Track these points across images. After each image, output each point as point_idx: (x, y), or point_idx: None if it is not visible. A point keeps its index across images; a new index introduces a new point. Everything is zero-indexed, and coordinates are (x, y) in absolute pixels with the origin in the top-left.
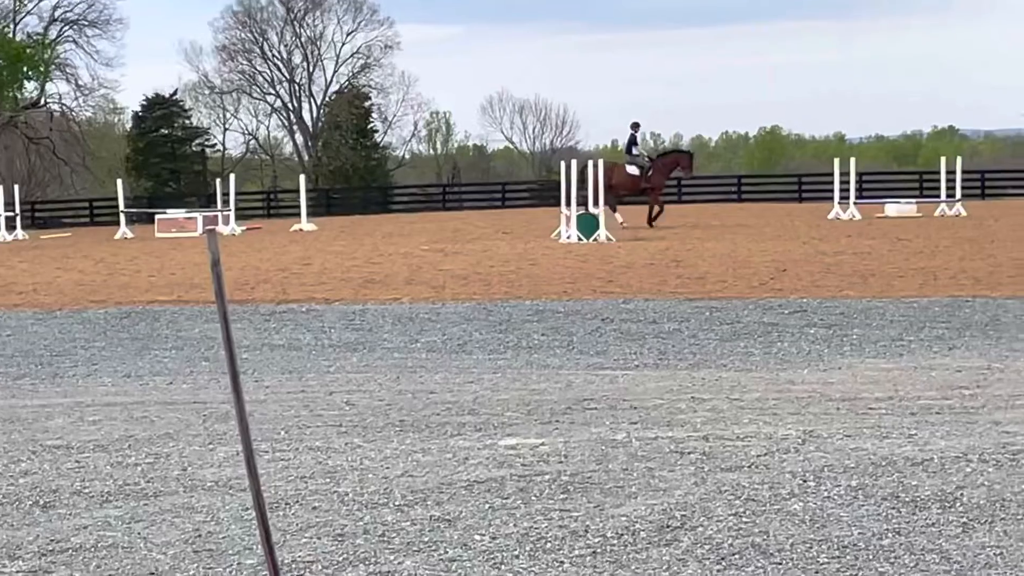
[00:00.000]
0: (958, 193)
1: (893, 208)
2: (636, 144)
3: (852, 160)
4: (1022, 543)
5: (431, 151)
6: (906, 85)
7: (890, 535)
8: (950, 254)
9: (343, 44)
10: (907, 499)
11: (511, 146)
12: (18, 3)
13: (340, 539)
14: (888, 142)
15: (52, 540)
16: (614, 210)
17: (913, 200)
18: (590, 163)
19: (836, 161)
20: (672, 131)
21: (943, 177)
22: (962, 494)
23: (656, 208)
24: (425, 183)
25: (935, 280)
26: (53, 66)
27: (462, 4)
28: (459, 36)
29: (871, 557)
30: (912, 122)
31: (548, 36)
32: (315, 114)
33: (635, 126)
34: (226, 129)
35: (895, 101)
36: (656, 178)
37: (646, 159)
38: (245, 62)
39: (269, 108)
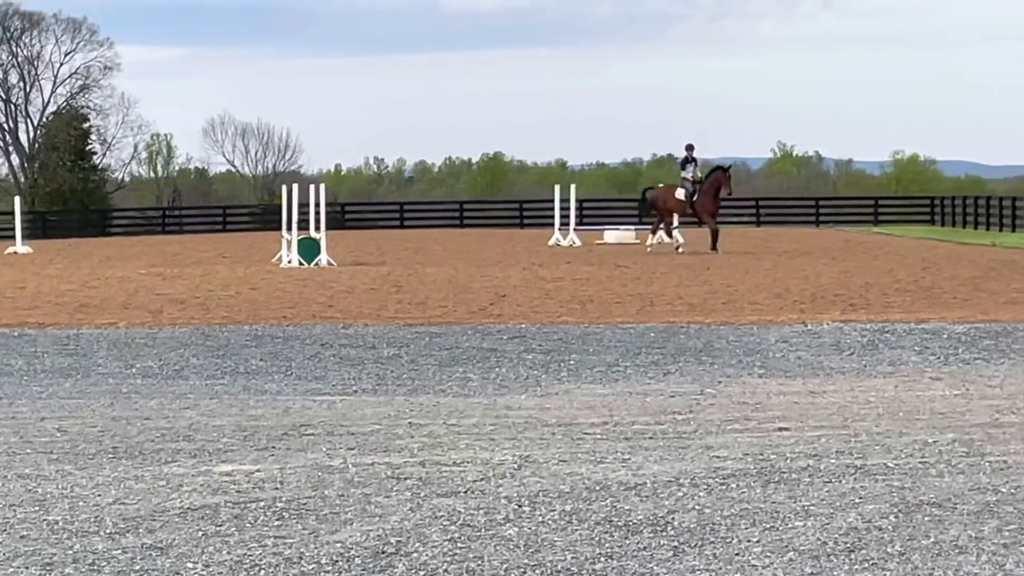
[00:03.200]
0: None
1: (612, 235)
2: (685, 167)
3: (572, 187)
4: (730, 566)
5: (151, 174)
6: (627, 114)
7: (603, 559)
8: (667, 280)
9: (61, 64)
10: (620, 523)
11: (233, 169)
12: None
13: (49, 568)
14: (609, 169)
15: None
16: (669, 234)
17: (632, 227)
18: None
19: (557, 188)
20: (396, 155)
21: None
22: (673, 518)
23: (711, 232)
24: (145, 206)
25: (652, 306)
26: None
27: (185, 27)
28: (181, 58)
29: None
30: (632, 150)
31: (271, 60)
32: (32, 135)
33: (689, 147)
34: None
35: (616, 129)
36: (701, 201)
37: (691, 183)
38: None
39: None
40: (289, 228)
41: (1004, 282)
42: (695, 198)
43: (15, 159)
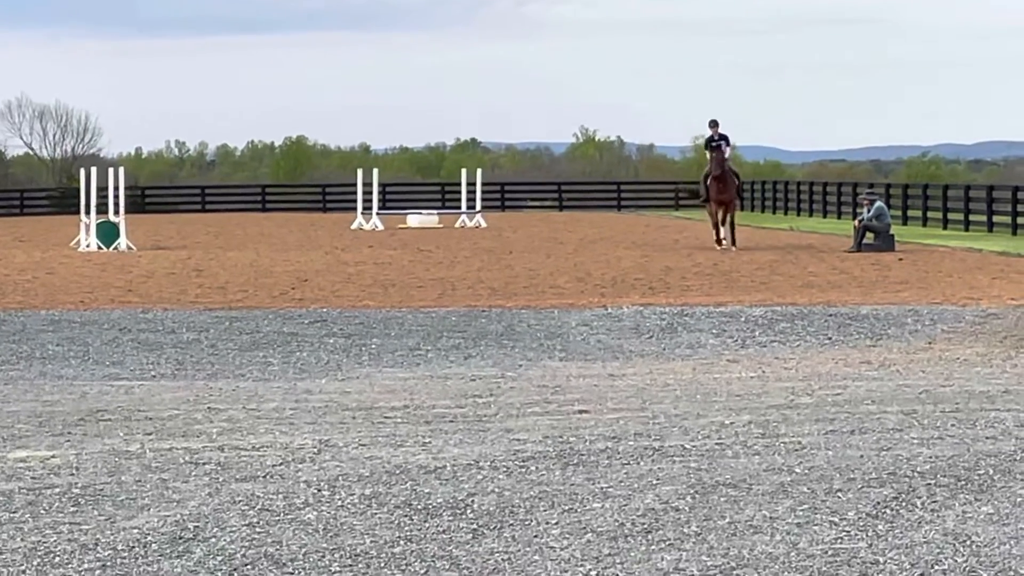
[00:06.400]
0: (478, 205)
1: (415, 219)
2: (710, 146)
3: (375, 171)
4: (529, 548)
5: None
6: (431, 98)
7: (402, 542)
8: (469, 265)
9: None
10: (419, 507)
11: (31, 152)
12: None
13: None
14: (412, 153)
15: None
16: (722, 223)
17: (435, 211)
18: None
19: (360, 172)
20: (197, 139)
21: (464, 189)
22: (473, 501)
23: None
24: None
25: (453, 290)
26: None
27: None
28: None
29: (383, 565)
30: (436, 134)
31: (70, 41)
32: None
33: (713, 124)
34: None
35: (420, 113)
36: (712, 188)
37: (715, 165)
38: None
39: None
40: (88, 212)
41: (801, 266)
42: (708, 183)
43: None
